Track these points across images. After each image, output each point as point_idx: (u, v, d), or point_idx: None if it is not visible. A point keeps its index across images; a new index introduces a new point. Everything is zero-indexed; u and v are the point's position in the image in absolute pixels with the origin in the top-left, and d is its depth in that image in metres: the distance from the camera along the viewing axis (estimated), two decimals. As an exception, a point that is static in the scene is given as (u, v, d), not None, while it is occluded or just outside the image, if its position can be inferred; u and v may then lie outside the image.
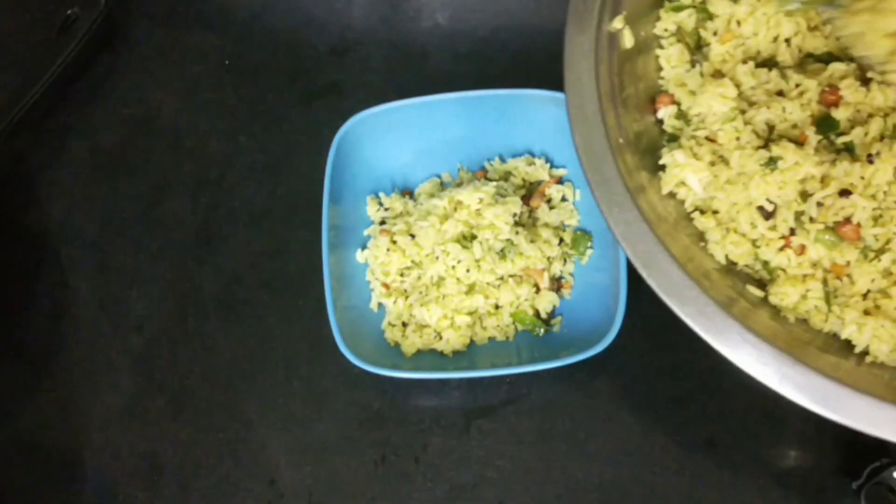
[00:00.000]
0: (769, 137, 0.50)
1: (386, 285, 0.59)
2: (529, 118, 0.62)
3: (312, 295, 0.59)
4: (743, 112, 0.50)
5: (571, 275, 0.60)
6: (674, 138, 0.52)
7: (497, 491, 0.57)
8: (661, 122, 0.54)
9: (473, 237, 0.58)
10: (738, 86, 0.51)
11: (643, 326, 0.59)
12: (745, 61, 0.51)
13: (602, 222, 0.58)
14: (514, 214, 0.58)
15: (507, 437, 0.58)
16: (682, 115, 0.53)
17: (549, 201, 0.61)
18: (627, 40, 0.52)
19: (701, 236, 0.51)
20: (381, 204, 0.63)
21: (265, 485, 0.58)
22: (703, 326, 0.45)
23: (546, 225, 0.60)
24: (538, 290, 0.59)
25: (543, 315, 0.59)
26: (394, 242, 0.59)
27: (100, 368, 0.63)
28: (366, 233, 0.62)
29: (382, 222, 0.62)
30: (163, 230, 0.67)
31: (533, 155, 0.63)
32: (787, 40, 0.52)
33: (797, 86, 0.50)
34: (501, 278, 0.58)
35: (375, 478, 0.58)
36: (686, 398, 0.57)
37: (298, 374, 0.61)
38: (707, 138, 0.50)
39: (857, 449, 0.55)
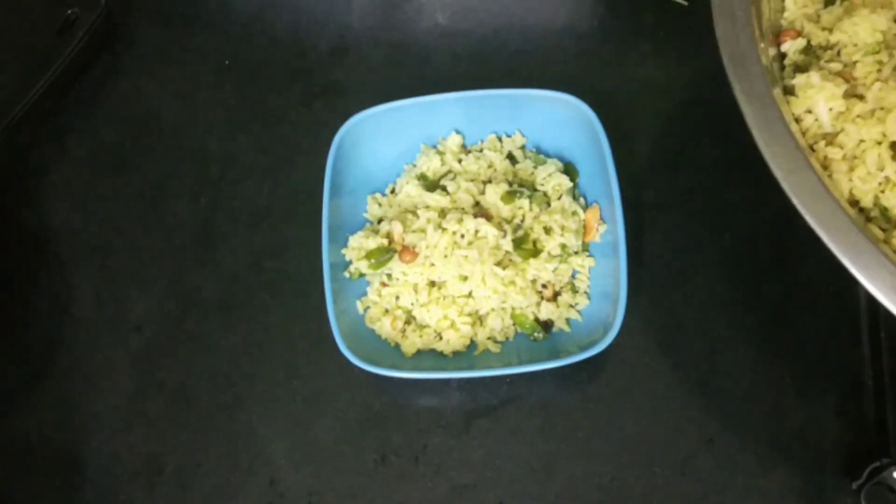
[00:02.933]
0: None
1: (385, 284, 0.59)
2: (529, 118, 0.62)
3: (312, 295, 0.59)
4: (890, 48, 0.48)
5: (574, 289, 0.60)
6: (800, 69, 0.50)
7: (497, 491, 0.57)
8: (783, 56, 0.52)
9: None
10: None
11: (643, 326, 0.59)
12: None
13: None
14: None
15: (507, 437, 0.58)
16: (810, 51, 0.51)
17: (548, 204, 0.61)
18: None
19: (825, 167, 0.48)
20: (381, 204, 0.63)
21: (265, 485, 0.58)
22: (831, 235, 0.41)
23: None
24: (542, 298, 0.59)
25: (543, 319, 0.58)
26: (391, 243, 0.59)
27: (100, 368, 0.63)
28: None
29: (382, 221, 0.62)
30: (163, 230, 0.66)
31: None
32: None
33: None
34: (511, 283, 0.58)
35: (375, 478, 0.58)
36: (686, 398, 0.57)
37: (298, 374, 0.61)
38: (839, 74, 0.48)
39: (857, 449, 0.55)
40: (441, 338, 0.58)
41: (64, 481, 0.60)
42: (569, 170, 0.61)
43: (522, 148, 0.63)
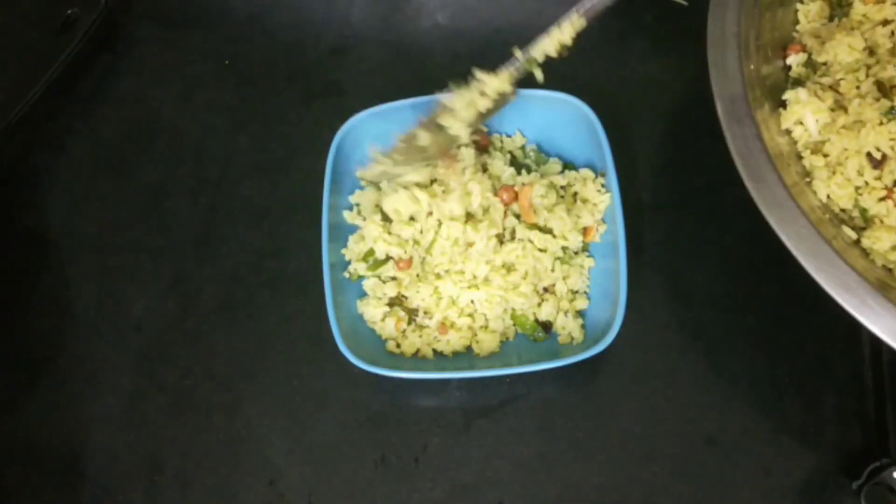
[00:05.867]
0: (889, 95, 0.52)
1: (384, 283, 0.59)
2: (529, 118, 0.62)
3: (312, 295, 0.59)
4: (868, 67, 0.53)
5: (574, 291, 0.59)
6: (798, 83, 0.55)
7: (497, 491, 0.57)
8: (788, 67, 0.56)
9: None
10: (872, 46, 0.53)
11: (643, 326, 0.59)
12: (883, 24, 0.54)
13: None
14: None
15: (507, 437, 0.58)
16: (810, 64, 0.55)
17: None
18: None
19: (807, 175, 0.53)
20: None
21: (265, 485, 0.58)
22: (798, 246, 0.46)
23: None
24: (542, 300, 0.58)
25: (543, 320, 0.58)
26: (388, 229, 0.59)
27: (100, 368, 0.63)
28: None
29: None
30: (163, 230, 0.67)
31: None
32: None
33: None
34: (513, 288, 0.57)
35: (375, 478, 0.58)
36: (685, 398, 0.57)
37: (298, 374, 0.61)
38: (830, 87, 0.53)
39: (857, 449, 0.55)
40: (441, 338, 0.58)
41: (64, 481, 0.60)
42: (568, 169, 0.61)
43: (523, 148, 0.63)
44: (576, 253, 0.59)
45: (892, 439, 0.53)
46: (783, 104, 0.54)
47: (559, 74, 0.67)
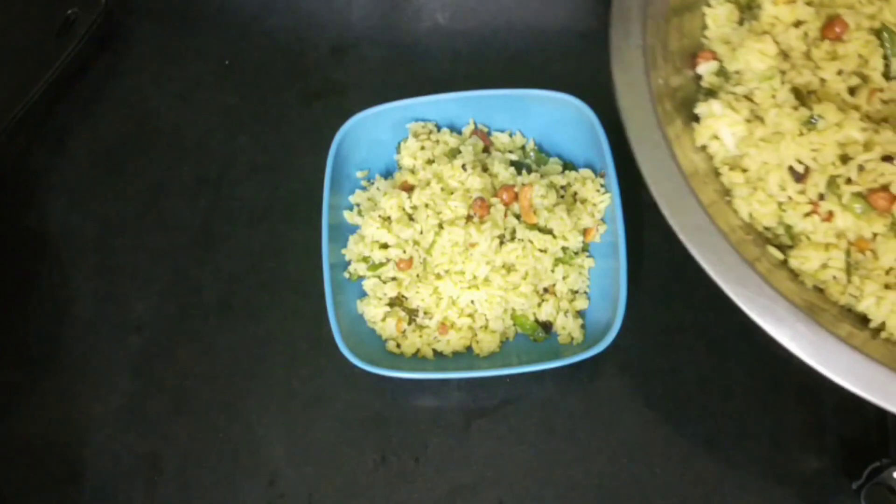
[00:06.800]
0: (807, 102, 0.48)
1: (384, 283, 0.59)
2: (530, 118, 0.62)
3: (312, 295, 0.59)
4: (783, 73, 0.49)
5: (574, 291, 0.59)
6: (711, 94, 0.51)
7: (497, 491, 0.57)
8: (699, 77, 0.52)
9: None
10: (786, 50, 0.49)
11: (643, 326, 0.59)
12: (796, 25, 0.50)
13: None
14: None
15: (507, 437, 0.58)
16: (722, 73, 0.51)
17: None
18: None
19: (726, 193, 0.49)
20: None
21: (265, 485, 0.58)
22: (722, 274, 0.44)
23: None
24: (542, 300, 0.58)
25: (543, 320, 0.58)
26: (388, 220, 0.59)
27: (100, 368, 0.63)
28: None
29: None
30: (163, 230, 0.66)
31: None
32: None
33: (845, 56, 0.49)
34: (514, 288, 0.57)
35: (375, 478, 0.58)
36: (686, 398, 0.57)
37: (298, 374, 0.61)
38: (745, 97, 0.49)
39: (857, 449, 0.55)
40: (441, 338, 0.58)
41: (64, 481, 0.60)
42: (568, 169, 0.61)
43: (523, 148, 0.63)
44: (576, 253, 0.59)
45: (892, 439, 0.53)
46: (697, 118, 0.50)
47: (559, 74, 0.67)
